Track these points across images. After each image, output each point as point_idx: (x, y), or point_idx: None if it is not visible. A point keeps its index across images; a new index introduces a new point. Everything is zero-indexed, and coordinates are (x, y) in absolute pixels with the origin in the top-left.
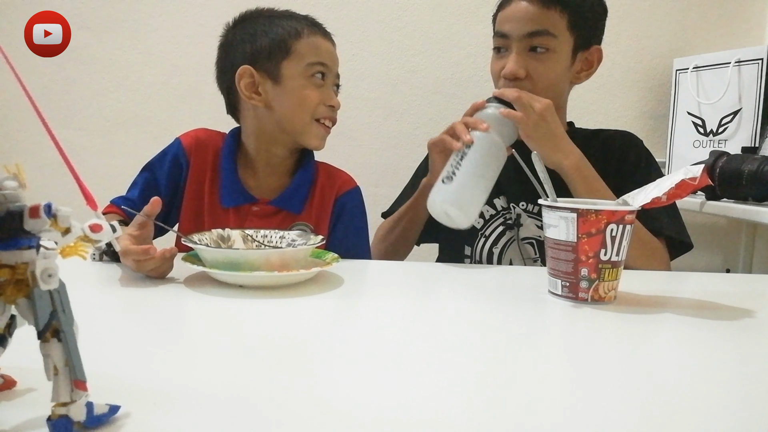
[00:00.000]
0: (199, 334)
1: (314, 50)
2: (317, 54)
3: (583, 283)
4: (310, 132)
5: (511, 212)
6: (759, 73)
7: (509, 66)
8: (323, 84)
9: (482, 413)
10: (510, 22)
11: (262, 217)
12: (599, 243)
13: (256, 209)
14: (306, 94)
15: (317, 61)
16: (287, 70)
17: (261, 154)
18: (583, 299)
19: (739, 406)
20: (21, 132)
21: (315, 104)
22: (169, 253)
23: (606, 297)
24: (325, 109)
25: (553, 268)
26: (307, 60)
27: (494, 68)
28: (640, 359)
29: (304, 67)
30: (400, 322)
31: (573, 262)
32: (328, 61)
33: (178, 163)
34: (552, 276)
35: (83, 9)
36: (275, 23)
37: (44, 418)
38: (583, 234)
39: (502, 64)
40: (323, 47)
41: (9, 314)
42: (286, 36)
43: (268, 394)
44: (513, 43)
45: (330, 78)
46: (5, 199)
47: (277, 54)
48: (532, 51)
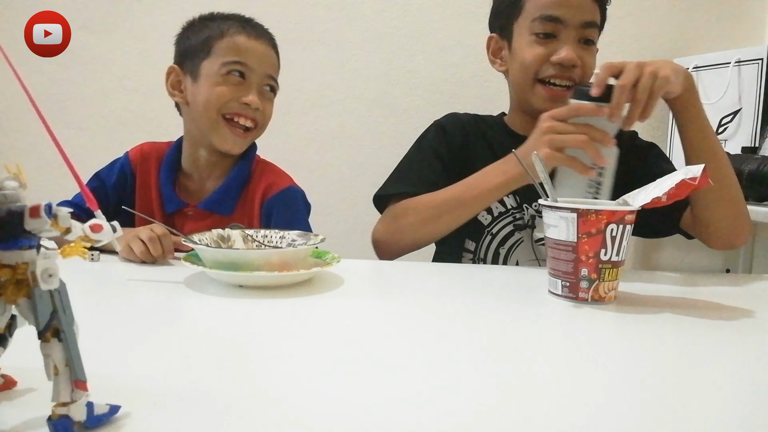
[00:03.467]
0: (199, 334)
1: (233, 49)
2: (236, 52)
3: (584, 283)
4: (218, 131)
5: (524, 212)
6: (759, 73)
7: (567, 53)
8: (242, 83)
9: (482, 413)
10: (565, 8)
11: (196, 220)
12: (599, 243)
13: (190, 213)
14: (216, 90)
15: (234, 60)
16: (205, 69)
17: (192, 158)
18: (583, 299)
19: (739, 406)
20: (21, 132)
21: (224, 100)
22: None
23: (606, 297)
24: (237, 105)
25: (553, 268)
26: (224, 58)
27: (536, 53)
28: (639, 359)
29: (219, 65)
30: (400, 322)
31: (573, 262)
32: (250, 60)
33: (124, 174)
34: (552, 276)
35: (83, 9)
36: (208, 25)
37: (44, 418)
38: (583, 234)
39: (549, 50)
40: (246, 46)
41: (9, 314)
42: (210, 36)
43: (267, 394)
44: (566, 30)
45: (253, 78)
46: (5, 199)
47: (200, 53)
48: (582, 42)
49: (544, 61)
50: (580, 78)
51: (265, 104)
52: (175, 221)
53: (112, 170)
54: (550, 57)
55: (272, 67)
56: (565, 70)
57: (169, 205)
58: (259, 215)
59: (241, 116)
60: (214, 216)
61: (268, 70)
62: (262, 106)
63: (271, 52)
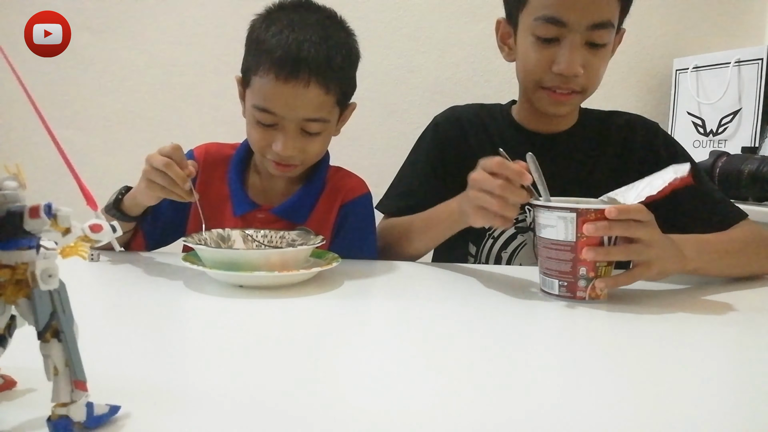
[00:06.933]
0: (199, 334)
1: (261, 92)
2: (263, 98)
3: (582, 282)
4: (267, 165)
5: (526, 215)
6: (759, 73)
7: (567, 65)
8: (272, 127)
9: (481, 413)
10: (570, 10)
11: (265, 224)
12: (598, 242)
13: (260, 216)
14: (252, 132)
15: (261, 107)
16: (247, 99)
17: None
18: (581, 298)
19: (738, 406)
20: (21, 132)
21: (260, 147)
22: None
23: (602, 294)
24: (271, 152)
25: (548, 269)
26: (254, 100)
27: (537, 59)
28: (638, 360)
29: (251, 106)
30: (400, 322)
31: (572, 261)
32: (279, 108)
33: None
34: (547, 276)
35: (83, 9)
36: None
37: (44, 418)
38: (582, 233)
39: (550, 55)
40: (273, 92)
41: (9, 314)
42: (250, 64)
43: (267, 394)
44: (570, 34)
45: (285, 123)
46: (5, 199)
47: (245, 77)
48: (589, 45)
49: (545, 69)
50: (584, 86)
51: (306, 144)
52: (240, 225)
53: None
54: (552, 65)
55: (312, 109)
56: (567, 80)
57: (239, 207)
58: (335, 220)
59: (275, 162)
60: (285, 221)
61: (304, 114)
62: (302, 148)
63: (312, 88)
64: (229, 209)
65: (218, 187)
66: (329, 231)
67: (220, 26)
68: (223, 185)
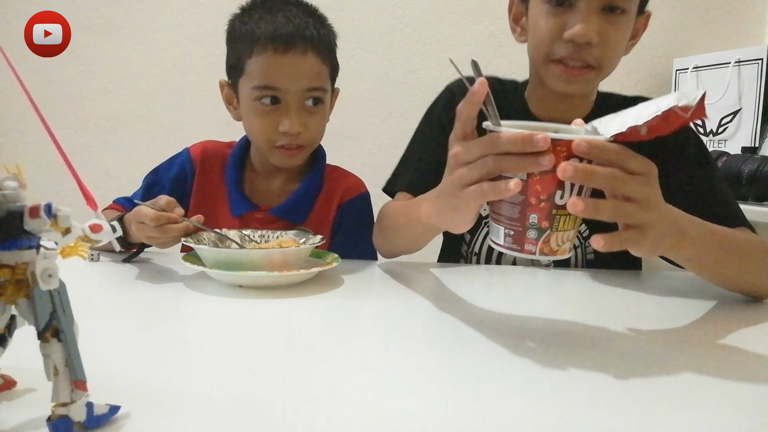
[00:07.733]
0: (199, 334)
1: (262, 71)
2: (265, 75)
3: (531, 233)
4: (272, 155)
5: None
6: (759, 73)
7: (581, 28)
8: (275, 109)
9: (481, 413)
10: None
11: (264, 224)
12: (554, 183)
13: (258, 216)
14: (254, 123)
15: (263, 85)
16: (242, 89)
17: (261, 159)
18: (530, 252)
19: (738, 406)
20: (21, 132)
21: (265, 133)
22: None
23: (558, 251)
24: (277, 135)
25: (495, 212)
26: (254, 81)
27: (548, 27)
28: (638, 362)
29: (250, 90)
30: (400, 322)
31: (520, 205)
32: (282, 82)
33: (184, 171)
34: (494, 222)
35: (83, 9)
36: (243, 30)
37: (44, 418)
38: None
39: (563, 22)
40: (275, 66)
41: (9, 314)
42: (242, 51)
43: (267, 394)
44: None
45: (289, 98)
46: (5, 199)
47: (237, 69)
48: (607, 11)
49: (556, 37)
50: (599, 59)
51: (308, 120)
52: (238, 225)
53: (171, 166)
54: (563, 32)
55: (312, 77)
56: (579, 49)
57: (237, 207)
58: (333, 219)
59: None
60: (283, 221)
61: (306, 84)
62: (304, 124)
63: (310, 57)
64: (227, 209)
65: (216, 186)
66: (328, 230)
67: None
68: (221, 185)
